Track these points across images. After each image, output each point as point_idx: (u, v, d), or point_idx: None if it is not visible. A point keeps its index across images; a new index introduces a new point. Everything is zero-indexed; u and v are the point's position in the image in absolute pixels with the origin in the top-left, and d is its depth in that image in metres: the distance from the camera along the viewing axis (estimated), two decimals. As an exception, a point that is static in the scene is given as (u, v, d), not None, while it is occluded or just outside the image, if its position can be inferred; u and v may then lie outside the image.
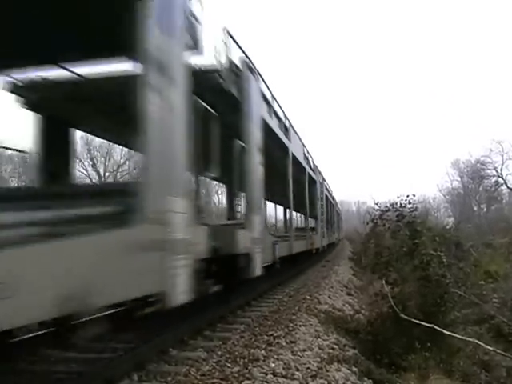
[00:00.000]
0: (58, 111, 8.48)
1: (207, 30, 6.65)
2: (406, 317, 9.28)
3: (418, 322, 9.10)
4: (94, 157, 42.38)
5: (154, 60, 4.83)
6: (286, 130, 14.08)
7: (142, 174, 5.19)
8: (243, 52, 9.03)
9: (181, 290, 5.23)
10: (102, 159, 43.76)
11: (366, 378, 6.81)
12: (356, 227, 60.79)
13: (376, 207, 12.85)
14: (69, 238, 3.88)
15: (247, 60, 9.16)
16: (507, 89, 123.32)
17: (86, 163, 41.61)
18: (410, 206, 11.92)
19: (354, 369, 6.83)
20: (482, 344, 8.90)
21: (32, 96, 7.98)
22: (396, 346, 9.00)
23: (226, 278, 8.47)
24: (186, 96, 5.62)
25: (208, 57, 7.62)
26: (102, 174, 43.08)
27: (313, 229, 22.18)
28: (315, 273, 19.48)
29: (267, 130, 10.82)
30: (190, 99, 5.77)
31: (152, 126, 4.80)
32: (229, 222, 12.79)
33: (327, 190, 29.84)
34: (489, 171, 60.10)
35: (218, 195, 50.55)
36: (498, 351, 8.93)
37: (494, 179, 59.71)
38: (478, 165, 61.56)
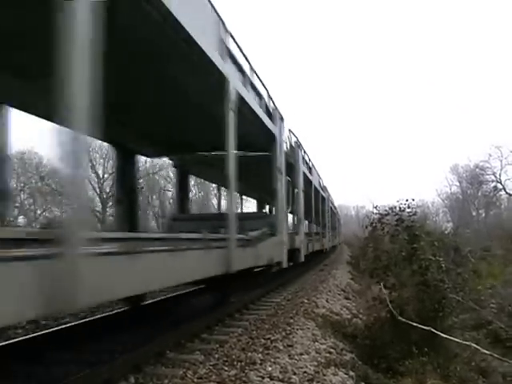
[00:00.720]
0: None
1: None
2: (403, 319, 9.28)
3: (415, 324, 9.10)
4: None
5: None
6: (310, 170, 20.13)
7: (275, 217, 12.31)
8: (295, 137, 15.78)
9: (285, 261, 12.40)
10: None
11: (363, 383, 6.80)
12: (354, 231, 60.90)
13: (375, 211, 12.87)
14: (265, 240, 10.44)
15: (297, 140, 15.94)
16: (506, 94, 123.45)
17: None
18: (409, 210, 11.93)
19: (351, 373, 6.81)
20: (479, 348, 8.89)
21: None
22: (393, 350, 8.99)
23: (292, 259, 14.67)
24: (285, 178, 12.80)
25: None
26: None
27: (323, 234, 27.27)
28: (313, 276, 19.49)
29: (305, 177, 17.31)
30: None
31: (279, 194, 12.01)
32: (291, 231, 16.52)
33: (331, 203, 36.79)
34: (487, 176, 60.36)
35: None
36: (496, 355, 8.93)
37: (492, 184, 59.97)
38: (477, 170, 61.84)
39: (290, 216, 16.12)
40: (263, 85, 10.95)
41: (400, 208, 11.96)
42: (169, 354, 6.41)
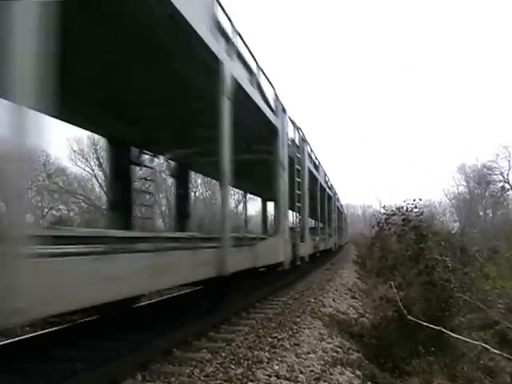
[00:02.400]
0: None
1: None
2: (413, 318, 9.27)
3: (425, 324, 9.09)
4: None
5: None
6: (316, 167, 19.33)
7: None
8: (300, 130, 14.89)
9: (287, 262, 11.57)
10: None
11: (369, 382, 6.80)
12: (361, 231, 60.83)
13: (382, 211, 12.88)
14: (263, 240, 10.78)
15: (302, 134, 15.08)
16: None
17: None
18: (416, 210, 11.93)
19: (358, 372, 6.82)
20: (488, 347, 8.87)
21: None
22: (400, 350, 8.99)
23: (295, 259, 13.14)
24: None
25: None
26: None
27: (329, 233, 26.48)
28: (320, 275, 19.47)
29: (310, 174, 16.39)
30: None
31: (281, 191, 11.33)
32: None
33: (338, 201, 35.64)
34: (495, 176, 60.16)
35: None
36: (505, 355, 8.89)
37: (500, 184, 59.75)
38: (485, 170, 61.64)
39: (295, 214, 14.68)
40: (264, 73, 10.15)
41: (407, 208, 11.95)
42: (176, 352, 6.43)
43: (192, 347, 6.81)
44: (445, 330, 8.92)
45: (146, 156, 11.48)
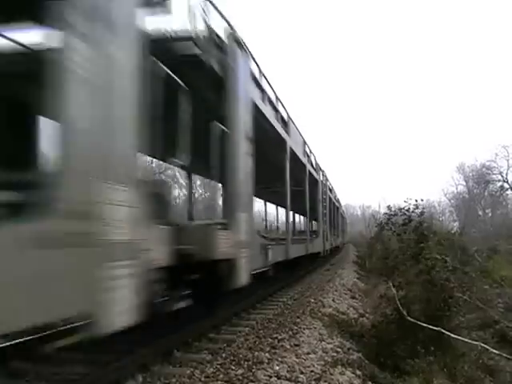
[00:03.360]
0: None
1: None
2: (412, 319, 9.26)
3: (424, 325, 9.08)
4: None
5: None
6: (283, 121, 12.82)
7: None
8: (228, 23, 7.66)
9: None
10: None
11: (370, 382, 6.80)
12: (361, 231, 60.85)
13: (384, 211, 12.91)
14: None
15: (233, 32, 7.74)
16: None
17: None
18: (417, 210, 11.94)
19: (358, 372, 6.83)
20: (487, 347, 8.87)
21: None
22: (400, 349, 8.98)
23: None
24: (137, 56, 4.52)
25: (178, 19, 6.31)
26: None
27: (316, 233, 21.59)
28: (319, 276, 19.49)
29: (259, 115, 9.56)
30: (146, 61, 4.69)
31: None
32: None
33: (331, 191, 28.59)
34: (494, 176, 60.17)
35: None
36: (504, 355, 8.89)
37: (499, 184, 59.77)
38: (484, 169, 61.64)
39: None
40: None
41: (408, 208, 11.97)
42: (176, 353, 6.44)
43: (192, 348, 6.86)
44: (444, 331, 8.91)
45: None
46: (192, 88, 6.45)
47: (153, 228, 4.80)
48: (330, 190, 28.35)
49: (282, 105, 12.58)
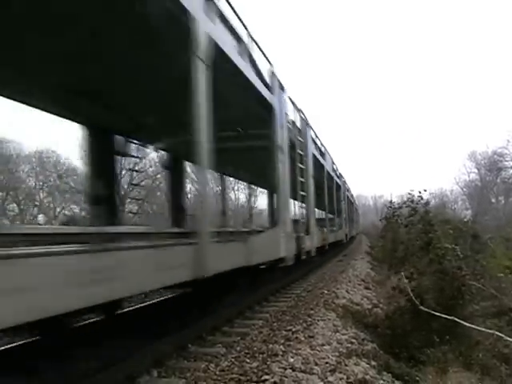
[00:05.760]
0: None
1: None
2: (425, 309, 9.25)
3: (437, 314, 9.06)
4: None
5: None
6: (322, 154, 17.86)
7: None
8: (301, 112, 13.72)
9: (291, 257, 10.48)
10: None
11: (385, 372, 6.80)
12: (373, 221, 60.71)
13: (388, 205, 12.91)
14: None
15: (304, 116, 13.88)
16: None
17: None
18: (422, 201, 11.92)
19: (373, 363, 6.82)
20: (501, 335, 8.83)
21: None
22: (415, 339, 8.98)
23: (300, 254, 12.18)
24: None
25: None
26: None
27: (339, 224, 25.98)
28: (333, 267, 19.47)
29: (315, 160, 15.14)
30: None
31: (281, 178, 10.08)
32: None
33: (348, 190, 34.21)
34: (506, 163, 59.54)
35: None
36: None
37: (511, 171, 59.20)
38: (495, 156, 61.02)
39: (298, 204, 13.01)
40: (254, 41, 8.66)
41: (413, 200, 11.95)
42: (191, 347, 6.47)
43: (207, 342, 6.87)
44: (458, 320, 8.89)
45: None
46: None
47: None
48: (347, 190, 33.94)
49: (321, 142, 17.99)
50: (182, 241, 6.09)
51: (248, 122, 10.79)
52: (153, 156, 26.46)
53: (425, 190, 12.19)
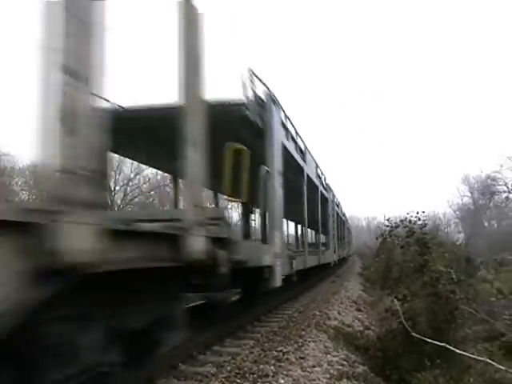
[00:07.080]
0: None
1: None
2: (417, 335, 9.22)
3: (429, 340, 9.03)
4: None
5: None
6: (301, 152, 14.13)
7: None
8: (266, 86, 9.21)
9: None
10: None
11: (375, 395, 6.78)
12: (366, 242, 60.70)
13: (386, 223, 12.85)
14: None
15: (269, 92, 9.30)
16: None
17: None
18: (419, 222, 11.92)
19: (364, 385, 6.80)
20: (493, 363, 8.81)
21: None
22: (406, 362, 8.94)
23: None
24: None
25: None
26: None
27: (325, 244, 22.55)
28: (325, 288, 19.45)
29: (286, 154, 10.87)
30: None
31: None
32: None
33: (337, 206, 29.15)
34: (499, 187, 59.75)
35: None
36: (511, 371, 8.84)
37: (504, 195, 59.37)
38: (489, 180, 61.23)
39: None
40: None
41: (410, 220, 11.96)
42: (181, 366, 6.43)
43: (197, 361, 6.84)
44: (449, 346, 8.86)
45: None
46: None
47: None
48: (337, 206, 29.16)
49: (300, 138, 13.87)
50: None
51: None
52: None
53: (423, 212, 12.19)
